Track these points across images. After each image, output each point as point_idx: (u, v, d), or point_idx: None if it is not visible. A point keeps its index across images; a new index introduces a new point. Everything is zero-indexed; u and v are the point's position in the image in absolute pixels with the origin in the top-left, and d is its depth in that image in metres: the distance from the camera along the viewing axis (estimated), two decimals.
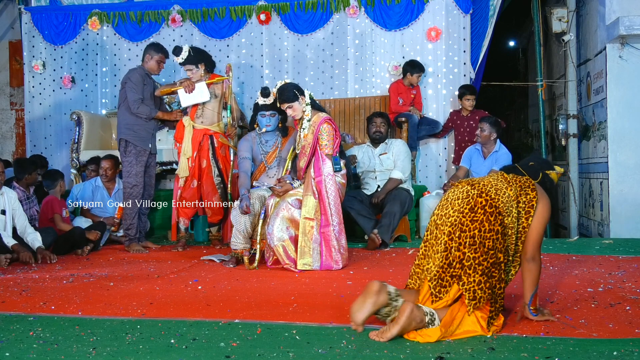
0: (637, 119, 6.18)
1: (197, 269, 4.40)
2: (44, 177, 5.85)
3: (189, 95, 5.28)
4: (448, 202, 2.72)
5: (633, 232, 6.02)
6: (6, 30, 8.60)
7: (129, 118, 5.41)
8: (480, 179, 2.82)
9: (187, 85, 5.25)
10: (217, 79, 5.35)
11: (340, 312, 2.99)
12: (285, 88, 4.51)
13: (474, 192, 2.68)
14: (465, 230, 2.60)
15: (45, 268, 4.58)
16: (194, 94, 5.27)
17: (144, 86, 5.41)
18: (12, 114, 8.67)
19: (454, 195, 2.72)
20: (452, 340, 2.51)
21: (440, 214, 2.70)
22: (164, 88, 5.50)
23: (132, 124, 5.40)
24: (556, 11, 7.02)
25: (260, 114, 4.83)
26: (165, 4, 7.23)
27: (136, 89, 5.36)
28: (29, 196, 5.51)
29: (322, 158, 4.41)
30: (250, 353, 2.40)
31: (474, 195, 2.67)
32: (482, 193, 2.67)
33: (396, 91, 6.39)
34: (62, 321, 2.93)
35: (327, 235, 4.31)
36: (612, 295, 3.29)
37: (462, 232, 2.60)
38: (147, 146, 5.47)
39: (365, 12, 6.83)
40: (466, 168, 5.84)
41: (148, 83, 5.47)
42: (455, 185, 2.79)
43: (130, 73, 5.46)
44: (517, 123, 11.02)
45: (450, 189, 2.78)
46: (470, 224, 2.61)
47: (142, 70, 5.47)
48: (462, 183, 2.78)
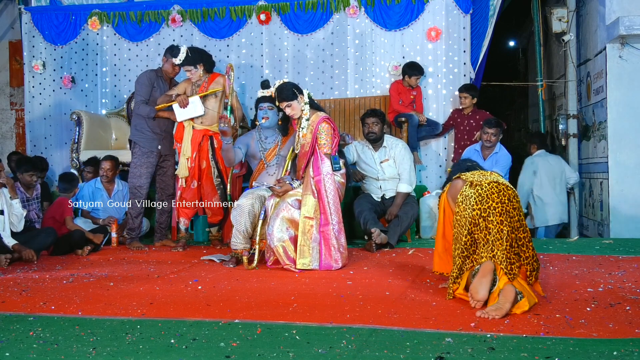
0: (637, 119, 6.19)
1: (197, 269, 4.40)
2: (60, 179, 5.88)
3: (183, 110, 5.30)
4: (484, 197, 3.20)
5: (633, 232, 6.02)
6: (6, 30, 8.60)
7: (136, 119, 5.55)
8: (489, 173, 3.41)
9: (181, 100, 5.26)
10: (210, 91, 5.32)
11: (340, 312, 3.00)
12: (284, 87, 4.51)
13: (501, 186, 3.22)
14: (512, 216, 3.17)
15: (45, 268, 4.57)
16: (188, 109, 5.29)
17: (154, 88, 5.52)
18: (12, 114, 8.68)
19: (488, 191, 3.21)
20: (452, 340, 2.51)
21: (484, 208, 3.18)
22: (160, 103, 5.48)
23: (138, 124, 5.52)
24: (556, 11, 7.03)
25: (259, 107, 4.84)
26: (165, 4, 7.23)
27: (141, 90, 5.50)
28: (29, 198, 5.49)
29: (320, 157, 4.41)
30: (250, 353, 2.40)
31: (504, 189, 3.22)
32: (507, 187, 3.24)
33: (396, 91, 6.38)
34: (62, 321, 2.94)
35: (327, 234, 4.31)
36: (612, 295, 3.29)
37: (511, 218, 3.16)
38: (155, 147, 5.50)
39: (365, 12, 6.83)
40: None
41: (159, 85, 5.55)
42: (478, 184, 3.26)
43: (140, 75, 5.63)
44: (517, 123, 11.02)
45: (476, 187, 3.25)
46: (513, 211, 3.17)
47: (152, 73, 5.59)
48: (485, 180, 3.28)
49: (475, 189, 3.25)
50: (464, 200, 3.28)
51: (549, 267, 4.21)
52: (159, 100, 5.47)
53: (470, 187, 3.29)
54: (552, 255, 4.76)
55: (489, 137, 5.66)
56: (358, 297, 3.35)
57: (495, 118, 5.86)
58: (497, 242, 3.12)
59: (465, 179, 3.39)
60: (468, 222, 3.21)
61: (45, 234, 5.14)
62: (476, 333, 2.62)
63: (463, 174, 3.47)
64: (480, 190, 3.22)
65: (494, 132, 5.64)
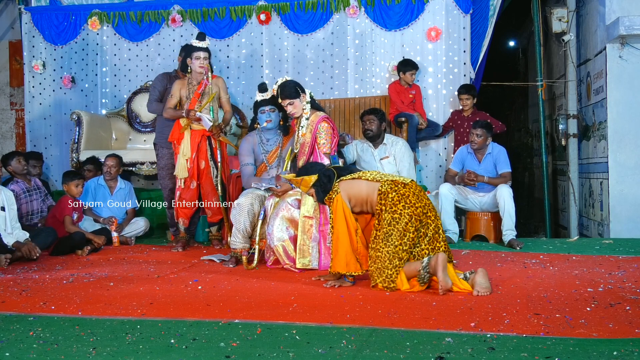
0: (637, 119, 6.18)
1: (197, 269, 4.40)
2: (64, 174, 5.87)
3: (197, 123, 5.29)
4: (418, 196, 3.60)
5: (633, 232, 6.01)
6: (6, 30, 8.60)
7: (157, 121, 5.70)
8: (379, 172, 3.86)
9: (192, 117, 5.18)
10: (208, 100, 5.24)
11: (340, 312, 3.00)
12: (287, 84, 4.52)
13: (419, 188, 3.68)
14: (432, 210, 3.65)
15: (45, 268, 4.57)
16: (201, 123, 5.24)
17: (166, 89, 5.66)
18: (12, 114, 8.67)
19: (416, 191, 3.62)
20: (452, 340, 2.51)
21: (422, 205, 3.58)
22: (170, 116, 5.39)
23: (158, 125, 5.67)
24: (556, 11, 7.02)
25: (260, 110, 4.83)
26: (165, 4, 7.23)
27: (152, 91, 5.71)
28: (29, 189, 5.51)
29: (320, 157, 4.41)
30: (250, 353, 2.40)
31: (420, 189, 3.68)
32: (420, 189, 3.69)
33: (395, 91, 6.39)
34: (62, 321, 2.94)
35: (326, 234, 4.31)
36: (612, 295, 3.29)
37: (432, 213, 3.64)
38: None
39: (365, 12, 6.83)
40: (456, 172, 5.77)
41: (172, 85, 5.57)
42: (405, 183, 3.64)
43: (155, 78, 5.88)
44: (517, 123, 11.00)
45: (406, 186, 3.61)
46: (433, 209, 3.66)
47: (166, 75, 5.78)
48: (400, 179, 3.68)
49: (407, 189, 3.59)
50: (402, 199, 3.55)
51: (549, 267, 4.22)
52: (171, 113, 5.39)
53: (403, 187, 3.60)
54: (552, 255, 4.76)
55: (473, 137, 5.63)
56: (358, 297, 3.35)
57: (486, 121, 5.80)
58: (436, 235, 3.59)
59: (373, 179, 3.67)
60: (413, 219, 3.53)
61: (45, 233, 5.14)
62: (476, 333, 2.62)
63: (352, 175, 3.74)
64: (413, 189, 3.61)
65: (478, 132, 5.58)
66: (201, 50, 5.18)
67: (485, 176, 5.57)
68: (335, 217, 3.67)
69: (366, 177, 3.73)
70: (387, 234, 3.54)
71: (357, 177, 3.75)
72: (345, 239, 3.63)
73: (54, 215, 5.51)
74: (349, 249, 3.63)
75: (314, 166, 3.93)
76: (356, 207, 3.72)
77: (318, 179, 3.78)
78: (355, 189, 3.70)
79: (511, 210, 5.34)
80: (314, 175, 3.79)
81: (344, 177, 3.75)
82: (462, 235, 5.90)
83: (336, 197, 3.66)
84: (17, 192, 5.41)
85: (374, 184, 3.68)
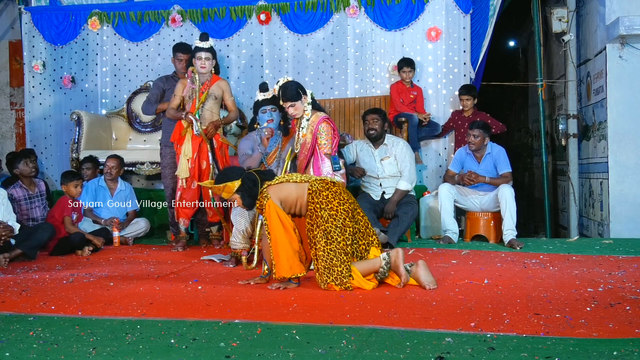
0: (637, 119, 6.18)
1: (197, 269, 4.40)
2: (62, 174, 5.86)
3: None
4: (347, 193, 3.70)
5: (633, 232, 6.02)
6: (6, 30, 8.60)
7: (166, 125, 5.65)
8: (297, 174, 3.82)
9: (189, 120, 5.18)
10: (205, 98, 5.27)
11: (340, 312, 3.00)
12: (289, 86, 4.49)
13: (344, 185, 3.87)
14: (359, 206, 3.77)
15: (45, 268, 4.57)
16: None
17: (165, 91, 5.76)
18: (12, 114, 8.67)
19: (343, 188, 3.73)
20: (452, 340, 2.51)
21: (352, 201, 3.68)
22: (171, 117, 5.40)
23: (164, 124, 5.70)
24: (556, 11, 7.02)
25: (261, 110, 4.82)
26: (165, 4, 7.23)
27: (151, 92, 5.91)
28: (31, 195, 5.47)
29: (321, 157, 4.41)
30: (250, 353, 2.40)
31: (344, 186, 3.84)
32: None
33: (396, 91, 6.39)
34: (62, 321, 2.94)
35: None
36: (612, 295, 3.29)
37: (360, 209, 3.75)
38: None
39: (365, 12, 6.83)
40: (455, 173, 5.76)
41: (172, 85, 5.61)
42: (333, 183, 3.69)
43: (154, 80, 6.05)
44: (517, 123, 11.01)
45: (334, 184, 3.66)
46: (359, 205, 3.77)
47: (163, 78, 5.87)
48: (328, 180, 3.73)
49: (337, 186, 3.66)
50: (335, 196, 3.60)
51: (549, 267, 4.22)
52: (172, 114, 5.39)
53: (333, 185, 3.65)
54: (552, 255, 4.76)
55: (470, 138, 5.63)
56: (358, 297, 3.35)
57: (483, 121, 5.80)
58: (367, 229, 3.70)
59: (300, 180, 3.67)
60: (348, 215, 3.59)
61: (42, 229, 5.11)
62: (476, 333, 2.62)
63: (278, 178, 3.73)
64: (341, 187, 3.69)
65: (475, 133, 5.58)
66: (202, 51, 5.19)
67: (486, 177, 5.58)
68: (270, 222, 3.58)
69: (293, 179, 3.71)
70: (326, 231, 3.54)
71: (285, 181, 3.70)
72: (284, 242, 3.57)
73: (52, 215, 5.50)
74: (289, 251, 3.58)
75: (234, 171, 3.88)
76: (286, 209, 3.66)
77: (242, 184, 3.75)
78: (285, 192, 3.64)
79: (513, 210, 5.35)
80: (236, 181, 3.75)
81: (270, 181, 3.70)
82: (462, 235, 5.90)
83: (268, 203, 3.58)
84: (16, 197, 5.37)
85: (302, 184, 3.65)
